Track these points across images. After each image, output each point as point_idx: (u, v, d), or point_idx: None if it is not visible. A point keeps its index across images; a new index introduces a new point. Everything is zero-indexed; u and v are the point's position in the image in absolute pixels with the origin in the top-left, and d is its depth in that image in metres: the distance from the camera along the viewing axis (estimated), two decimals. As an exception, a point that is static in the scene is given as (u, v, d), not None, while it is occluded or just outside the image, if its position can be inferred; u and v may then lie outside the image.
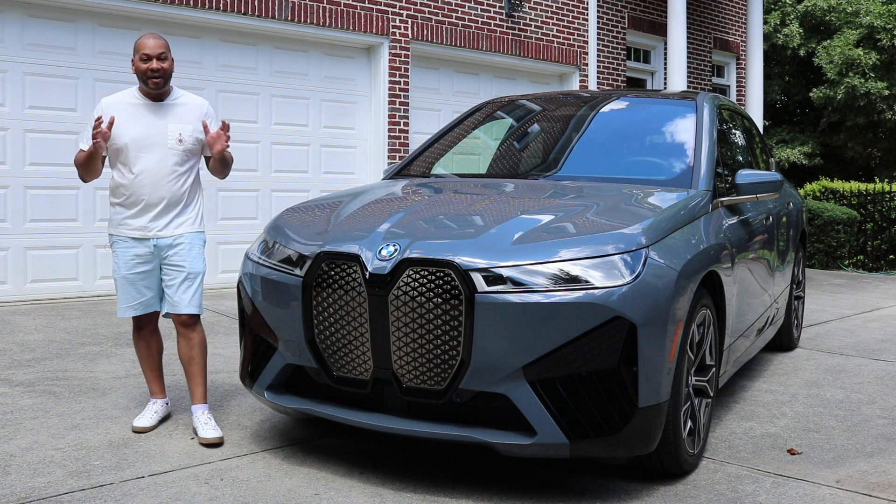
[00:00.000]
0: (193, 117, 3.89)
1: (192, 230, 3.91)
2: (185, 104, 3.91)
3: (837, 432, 4.06)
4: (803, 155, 19.17)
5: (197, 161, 3.95)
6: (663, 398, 3.09)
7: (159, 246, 3.83)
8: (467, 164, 5.66)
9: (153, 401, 4.00)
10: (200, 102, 3.97)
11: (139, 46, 3.79)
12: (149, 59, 3.76)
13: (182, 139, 3.83)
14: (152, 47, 3.77)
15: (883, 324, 7.27)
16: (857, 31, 18.16)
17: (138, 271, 3.84)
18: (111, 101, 3.87)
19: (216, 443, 3.66)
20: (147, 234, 3.81)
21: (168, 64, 3.81)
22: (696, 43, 13.48)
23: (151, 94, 3.84)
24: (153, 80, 3.77)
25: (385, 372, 3.15)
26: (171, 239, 3.84)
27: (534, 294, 2.98)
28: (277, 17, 8.38)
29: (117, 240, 3.86)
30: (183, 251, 3.84)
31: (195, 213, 3.93)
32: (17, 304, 7.03)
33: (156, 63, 3.76)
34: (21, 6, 7.15)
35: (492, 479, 3.34)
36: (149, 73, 3.76)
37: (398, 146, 9.38)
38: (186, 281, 3.85)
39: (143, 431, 3.83)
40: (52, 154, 7.25)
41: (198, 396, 3.88)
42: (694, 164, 4.11)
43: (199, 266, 3.89)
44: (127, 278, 3.84)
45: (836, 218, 11.95)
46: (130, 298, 3.88)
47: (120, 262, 3.85)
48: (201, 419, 3.78)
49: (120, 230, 3.85)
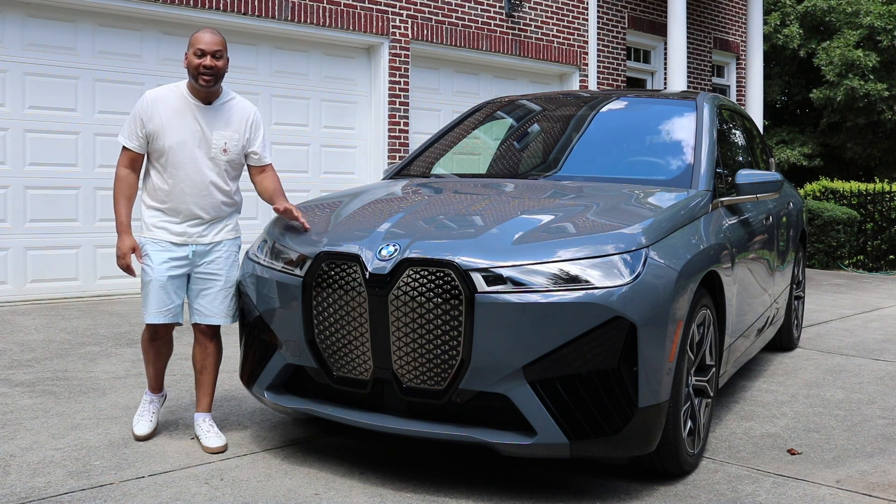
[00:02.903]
0: (241, 126, 3.71)
1: (231, 237, 3.78)
2: (233, 109, 3.71)
3: (837, 432, 4.06)
4: (803, 156, 19.17)
5: (240, 170, 3.79)
6: (663, 398, 3.09)
7: (197, 252, 3.68)
8: (467, 164, 5.66)
9: (151, 398, 3.85)
10: (249, 109, 3.77)
11: (195, 40, 3.58)
12: (203, 55, 3.55)
13: (227, 149, 3.66)
14: (208, 42, 3.56)
15: (883, 324, 7.27)
16: (858, 32, 18.16)
17: (173, 275, 3.64)
18: (159, 96, 3.63)
19: (220, 450, 3.63)
20: (187, 239, 3.66)
21: (223, 63, 3.60)
22: (696, 43, 13.48)
23: (201, 94, 3.62)
24: (204, 76, 3.55)
25: (385, 372, 3.15)
26: (209, 246, 3.70)
27: (534, 294, 2.97)
28: (277, 17, 8.38)
29: (151, 242, 3.65)
30: (220, 259, 3.72)
31: (235, 219, 3.82)
32: (17, 304, 7.03)
33: (209, 60, 3.54)
34: (21, 6, 7.15)
35: (492, 479, 3.34)
36: (201, 70, 3.54)
37: (398, 146, 9.38)
38: (223, 291, 3.73)
39: (145, 439, 3.69)
40: (52, 154, 7.25)
41: (203, 405, 3.81)
42: (694, 164, 4.11)
43: (235, 274, 3.76)
44: (160, 281, 3.62)
45: (836, 218, 11.95)
46: (162, 304, 3.64)
47: (154, 265, 3.63)
48: (203, 427, 3.73)
49: (157, 234, 3.65)
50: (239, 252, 3.84)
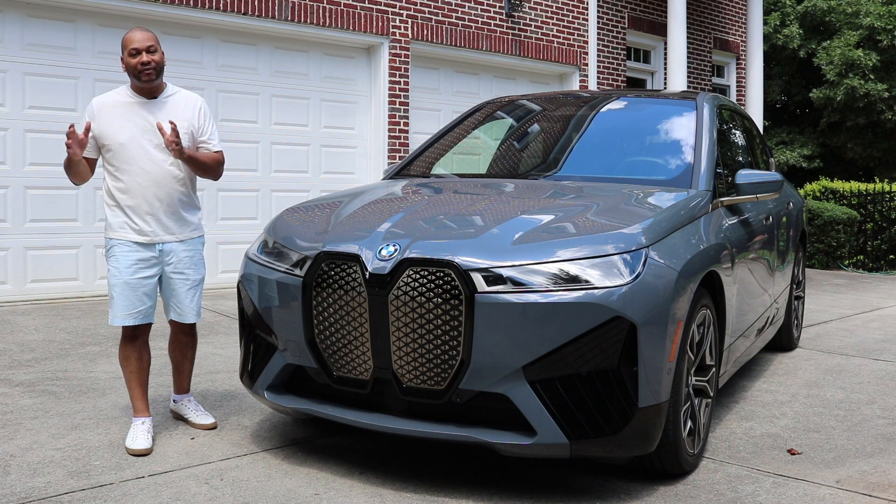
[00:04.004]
0: (188, 114, 3.76)
1: (196, 234, 3.86)
2: (178, 100, 3.79)
3: (837, 432, 4.06)
4: (803, 157, 19.17)
5: None
6: (663, 398, 3.09)
7: (164, 251, 3.73)
8: (467, 164, 5.66)
9: (141, 420, 3.69)
10: (194, 98, 3.85)
11: (127, 42, 3.66)
12: (138, 53, 3.63)
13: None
14: (140, 40, 3.64)
15: (883, 324, 7.27)
16: (858, 32, 18.16)
17: (140, 276, 3.69)
18: (103, 101, 3.74)
19: (213, 427, 3.88)
20: (153, 238, 3.70)
21: (159, 56, 3.68)
22: (696, 43, 13.48)
23: (144, 90, 3.71)
24: (145, 72, 3.64)
25: (385, 372, 3.15)
26: (176, 244, 3.75)
27: (534, 294, 2.97)
28: (277, 17, 8.38)
29: (117, 243, 3.69)
30: (187, 258, 3.79)
31: (198, 217, 3.87)
32: (17, 304, 7.03)
33: (146, 56, 3.63)
34: (21, 6, 7.15)
35: (492, 479, 3.34)
36: (139, 68, 3.63)
37: (398, 146, 9.38)
38: (192, 289, 3.83)
39: (145, 454, 3.54)
40: (52, 154, 7.24)
41: (185, 387, 4.01)
42: (694, 163, 4.11)
43: (202, 272, 3.89)
44: (129, 283, 3.66)
45: (836, 218, 11.95)
46: (130, 306, 3.67)
47: (121, 267, 3.67)
48: (190, 406, 3.96)
49: (121, 234, 3.69)
50: (202, 250, 3.92)
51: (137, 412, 3.73)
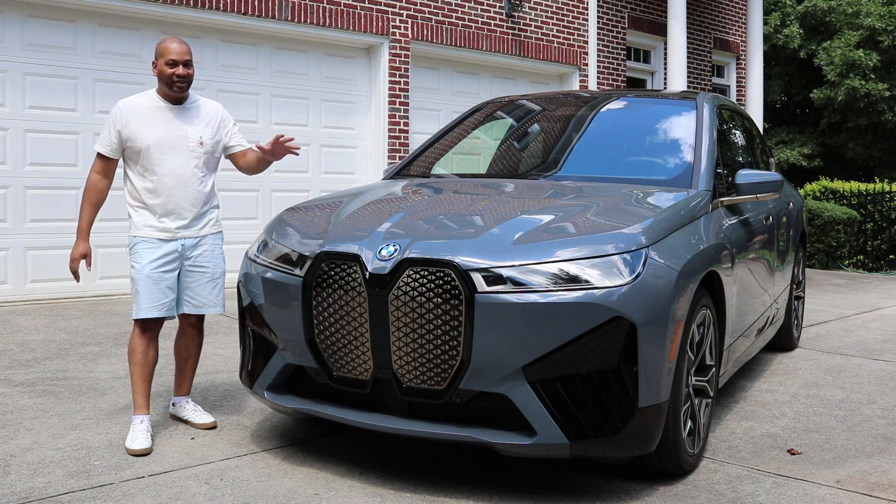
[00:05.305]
0: (212, 121, 3.96)
1: (215, 231, 4.00)
2: (202, 107, 3.97)
3: (837, 432, 4.06)
4: (803, 157, 19.17)
5: (216, 164, 4.01)
6: (663, 398, 3.09)
7: (186, 246, 3.86)
8: (467, 164, 5.66)
9: (140, 419, 3.71)
10: (217, 107, 4.04)
11: (165, 51, 3.80)
12: (175, 65, 3.78)
13: (203, 142, 3.88)
14: (179, 53, 3.79)
15: (883, 324, 7.27)
16: (858, 33, 18.16)
17: (164, 270, 3.80)
18: (130, 105, 3.84)
19: (213, 426, 3.93)
20: (176, 235, 3.83)
21: (192, 70, 3.86)
22: (696, 43, 13.48)
23: (171, 98, 3.86)
24: (178, 84, 3.80)
25: (385, 372, 3.15)
26: (196, 240, 3.89)
27: (534, 294, 2.97)
28: (277, 17, 8.38)
29: (141, 240, 3.81)
30: (207, 252, 3.93)
31: (216, 214, 4.02)
32: (17, 304, 7.03)
33: (182, 69, 3.79)
34: (21, 6, 7.15)
35: (492, 479, 3.34)
36: (174, 79, 3.79)
37: (398, 146, 9.38)
38: (212, 282, 3.95)
39: (144, 454, 3.55)
40: (52, 154, 7.25)
41: (185, 389, 4.07)
42: (694, 163, 4.11)
43: (222, 266, 4.01)
44: (152, 277, 3.77)
45: (836, 218, 11.95)
46: (154, 299, 3.77)
47: (144, 262, 3.78)
48: (189, 407, 4.02)
49: (146, 232, 3.81)
50: (222, 245, 4.06)
51: (137, 408, 3.77)
